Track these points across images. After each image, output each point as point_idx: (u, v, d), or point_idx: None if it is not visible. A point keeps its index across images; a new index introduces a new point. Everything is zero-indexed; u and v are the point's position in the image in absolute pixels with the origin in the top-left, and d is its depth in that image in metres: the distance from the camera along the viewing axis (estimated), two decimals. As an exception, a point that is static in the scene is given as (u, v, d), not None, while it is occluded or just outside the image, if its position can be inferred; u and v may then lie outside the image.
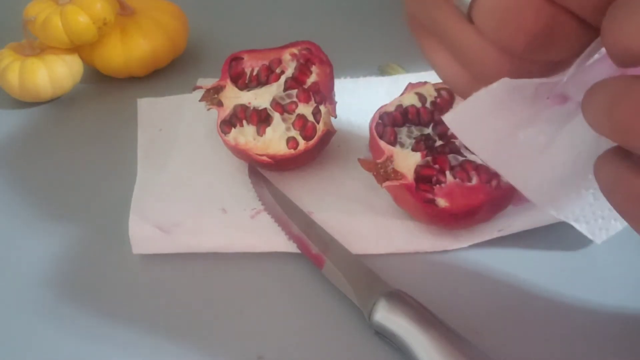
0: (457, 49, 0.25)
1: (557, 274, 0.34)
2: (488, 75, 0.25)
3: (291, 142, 0.38)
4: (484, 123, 0.27)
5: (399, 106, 0.38)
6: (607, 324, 0.31)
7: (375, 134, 0.37)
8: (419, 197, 0.34)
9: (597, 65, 0.25)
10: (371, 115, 0.39)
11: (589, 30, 0.22)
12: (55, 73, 0.48)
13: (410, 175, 0.35)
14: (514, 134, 0.27)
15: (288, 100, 0.40)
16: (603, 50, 0.24)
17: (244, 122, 0.40)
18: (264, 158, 0.38)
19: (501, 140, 0.27)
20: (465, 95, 0.27)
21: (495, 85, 0.25)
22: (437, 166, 0.35)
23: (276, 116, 0.39)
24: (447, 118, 0.27)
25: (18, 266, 0.36)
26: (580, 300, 0.32)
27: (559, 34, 0.22)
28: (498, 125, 0.27)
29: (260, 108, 0.40)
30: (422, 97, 0.39)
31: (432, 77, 0.33)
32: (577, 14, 0.21)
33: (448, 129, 0.29)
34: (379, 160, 0.36)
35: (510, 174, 0.29)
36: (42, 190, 0.41)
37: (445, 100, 0.38)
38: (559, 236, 0.35)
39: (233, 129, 0.40)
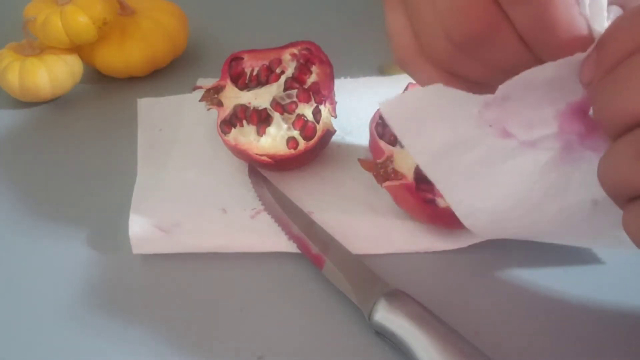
0: (415, 15, 0.25)
1: (557, 274, 0.34)
2: (431, 53, 0.25)
3: (291, 142, 0.38)
4: (424, 129, 0.27)
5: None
6: (608, 324, 0.31)
7: (375, 134, 0.37)
8: (419, 197, 0.34)
9: (544, 109, 0.25)
10: (371, 115, 0.39)
11: (526, 51, 0.23)
12: (55, 73, 0.48)
13: (410, 175, 0.35)
14: (456, 153, 0.27)
15: (288, 100, 0.40)
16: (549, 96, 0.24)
17: (244, 122, 0.40)
18: (264, 158, 0.38)
19: (441, 153, 0.27)
20: (404, 66, 0.27)
21: (430, 87, 0.25)
22: (437, 166, 0.35)
23: (276, 116, 0.39)
24: (384, 107, 0.26)
25: (17, 265, 0.36)
26: (581, 300, 0.32)
27: (497, 39, 0.23)
28: (440, 137, 0.27)
29: (260, 108, 0.40)
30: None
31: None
32: (517, 28, 0.22)
33: None
34: (379, 160, 0.36)
35: (444, 188, 0.29)
36: (42, 190, 0.41)
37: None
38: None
39: (233, 129, 0.40)
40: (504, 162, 0.26)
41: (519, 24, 0.22)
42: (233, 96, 0.41)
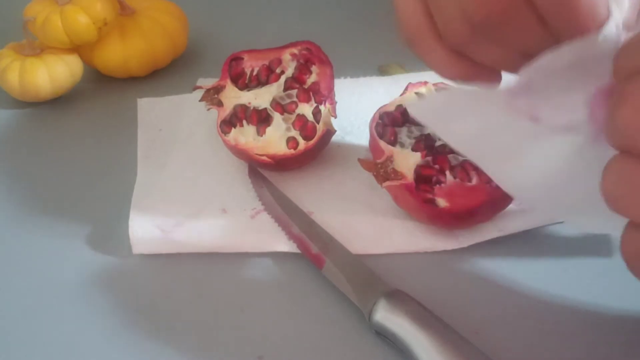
0: None
1: (556, 274, 0.34)
2: (447, 34, 0.25)
3: (291, 142, 0.38)
4: (456, 119, 0.27)
5: (399, 106, 0.38)
6: (610, 325, 0.31)
7: (375, 134, 0.37)
8: (419, 197, 0.34)
9: (572, 94, 0.25)
10: (371, 115, 0.39)
11: (545, 32, 0.23)
12: (55, 73, 0.48)
13: (410, 175, 0.35)
14: (490, 135, 0.26)
15: (288, 100, 0.40)
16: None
17: (244, 122, 0.40)
18: (264, 158, 0.38)
19: (477, 136, 0.27)
20: (412, 45, 0.27)
21: (455, 88, 0.25)
22: (437, 166, 0.35)
23: (276, 116, 0.39)
24: (412, 108, 0.26)
25: (17, 265, 0.36)
26: (580, 301, 0.32)
27: (517, 19, 0.22)
28: (472, 124, 0.26)
29: (260, 108, 0.40)
30: (422, 97, 0.39)
31: (432, 77, 0.33)
32: (537, 7, 0.22)
33: None
34: (379, 160, 0.36)
35: (488, 168, 0.29)
36: (42, 191, 0.41)
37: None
38: (558, 236, 0.35)
39: (233, 129, 0.40)
40: (540, 145, 0.26)
41: (539, 2, 0.22)
42: (233, 96, 0.41)
